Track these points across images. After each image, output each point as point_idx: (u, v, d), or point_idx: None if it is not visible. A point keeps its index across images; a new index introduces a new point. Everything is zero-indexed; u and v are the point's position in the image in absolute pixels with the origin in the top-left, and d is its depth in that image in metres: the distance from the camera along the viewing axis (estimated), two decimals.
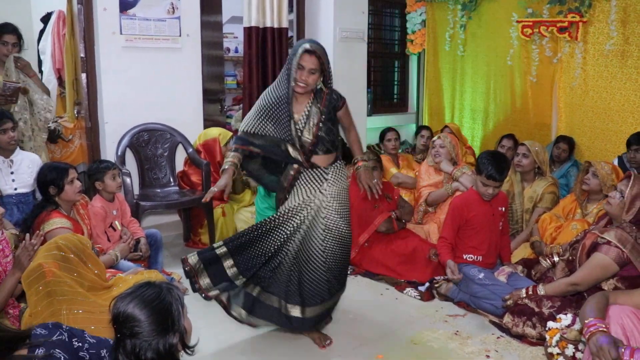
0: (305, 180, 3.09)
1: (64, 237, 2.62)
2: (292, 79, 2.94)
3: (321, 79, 3.04)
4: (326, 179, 3.08)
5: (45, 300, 2.38)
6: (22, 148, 4.11)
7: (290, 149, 3.05)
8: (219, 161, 4.88)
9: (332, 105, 3.05)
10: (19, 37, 4.35)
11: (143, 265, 3.64)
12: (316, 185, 3.07)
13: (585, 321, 2.28)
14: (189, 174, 4.78)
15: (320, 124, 3.02)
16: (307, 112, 3.03)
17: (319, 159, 3.07)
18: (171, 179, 4.81)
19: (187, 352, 1.90)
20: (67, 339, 1.91)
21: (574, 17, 5.17)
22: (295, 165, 3.08)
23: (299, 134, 3.02)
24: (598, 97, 5.19)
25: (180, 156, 4.89)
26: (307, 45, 2.94)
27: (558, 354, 2.72)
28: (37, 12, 6.25)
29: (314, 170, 3.08)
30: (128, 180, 4.20)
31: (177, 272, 4.10)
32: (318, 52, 2.94)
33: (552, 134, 5.67)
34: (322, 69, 2.98)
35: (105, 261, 3.32)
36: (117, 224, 3.78)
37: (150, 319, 1.76)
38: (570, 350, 2.67)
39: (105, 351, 2.00)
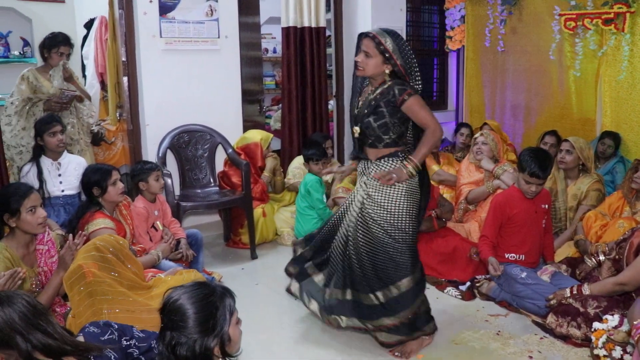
0: (359, 170, 3.12)
1: (102, 238, 2.67)
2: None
3: (389, 70, 2.92)
4: (366, 173, 3.04)
5: (86, 300, 2.43)
6: (69, 151, 4.23)
7: (354, 133, 3.07)
8: (261, 166, 4.92)
9: (386, 99, 2.90)
10: (72, 46, 4.56)
11: (184, 265, 3.68)
12: (360, 177, 3.07)
13: (635, 322, 2.21)
14: (229, 174, 4.83)
15: (364, 116, 2.96)
16: (364, 100, 3.01)
17: (368, 151, 3.04)
18: (211, 180, 4.86)
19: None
20: (117, 338, 1.97)
21: (620, 7, 5.00)
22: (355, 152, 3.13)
23: (353, 120, 3.05)
24: None
25: (220, 157, 4.94)
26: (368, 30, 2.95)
27: (605, 356, 2.65)
28: (80, 19, 6.43)
29: (364, 161, 3.07)
30: (169, 181, 4.26)
31: (218, 272, 4.16)
32: (373, 34, 2.89)
33: (596, 130, 5.51)
34: (382, 54, 2.87)
35: (147, 261, 3.38)
36: (158, 224, 3.84)
37: (195, 316, 1.81)
38: (617, 352, 2.60)
39: (154, 342, 2.05)
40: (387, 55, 2.88)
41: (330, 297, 3.05)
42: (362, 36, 2.92)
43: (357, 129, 3.01)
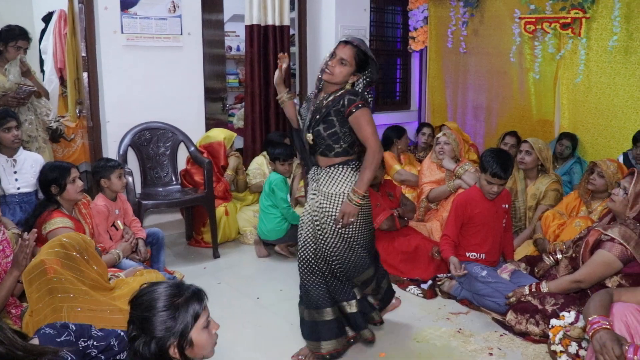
0: (310, 176, 3.05)
1: (68, 236, 2.61)
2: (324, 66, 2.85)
3: (353, 81, 2.87)
4: (316, 180, 2.97)
5: (46, 297, 2.36)
6: (27, 148, 4.12)
7: (305, 139, 2.99)
8: (223, 165, 4.89)
9: (336, 108, 2.81)
10: (30, 40, 4.44)
11: (145, 265, 3.63)
12: (311, 184, 3.01)
13: (589, 318, 2.27)
14: (191, 172, 4.78)
15: (315, 124, 2.87)
16: (316, 106, 2.92)
17: (319, 158, 2.95)
18: (173, 178, 4.80)
19: None
20: (74, 339, 1.92)
21: (577, 13, 5.14)
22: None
23: (304, 126, 2.98)
24: (601, 93, 5.16)
25: (182, 155, 4.88)
26: (345, 38, 2.88)
27: (561, 351, 2.72)
28: (38, 12, 6.25)
29: (314, 167, 3.01)
30: (130, 179, 4.19)
31: (180, 271, 4.11)
32: (355, 43, 2.83)
33: (555, 131, 5.64)
34: (356, 65, 2.83)
35: (108, 260, 3.32)
36: (119, 223, 3.77)
37: (157, 314, 1.81)
38: (573, 347, 2.67)
39: (114, 340, 2.02)
40: (363, 67, 2.85)
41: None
42: (344, 43, 2.84)
43: (309, 136, 2.91)
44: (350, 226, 2.89)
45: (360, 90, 2.89)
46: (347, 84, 2.88)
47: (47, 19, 5.77)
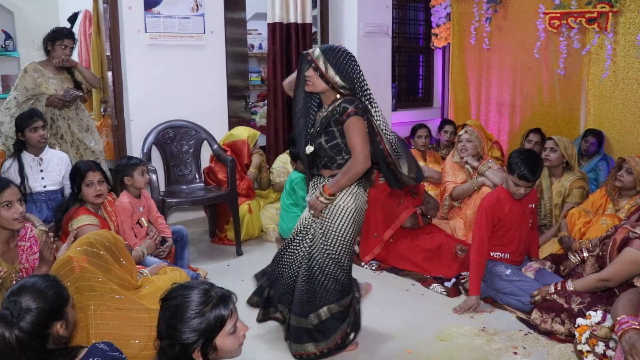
0: (312, 184, 3.00)
1: (97, 233, 2.62)
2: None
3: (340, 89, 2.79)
4: (318, 189, 2.90)
5: (74, 294, 2.38)
6: (52, 146, 4.17)
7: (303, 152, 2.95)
8: (247, 163, 4.91)
9: (334, 117, 2.75)
10: (75, 41, 4.47)
11: (169, 262, 3.66)
12: (311, 193, 2.96)
13: (617, 318, 2.23)
14: (215, 170, 4.81)
15: (316, 136, 2.85)
16: (317, 118, 2.89)
17: (321, 170, 2.93)
18: (196, 176, 4.84)
19: None
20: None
21: (603, 7, 5.06)
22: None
23: (304, 138, 2.93)
24: (629, 89, 5.08)
25: (206, 153, 4.92)
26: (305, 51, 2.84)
27: (588, 351, 2.68)
28: (64, 12, 6.34)
29: (317, 176, 2.97)
30: (154, 177, 4.22)
31: (203, 269, 4.14)
32: (311, 57, 2.75)
33: (580, 128, 5.57)
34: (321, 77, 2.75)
35: (133, 257, 3.35)
36: (143, 220, 3.80)
37: (185, 320, 1.83)
38: (600, 347, 2.63)
39: None
40: (324, 77, 2.74)
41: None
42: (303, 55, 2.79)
43: (310, 147, 2.87)
44: (336, 243, 2.88)
45: (362, 94, 2.80)
46: (341, 90, 2.79)
47: (72, 19, 5.84)
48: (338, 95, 2.80)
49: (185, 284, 1.94)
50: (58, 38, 4.33)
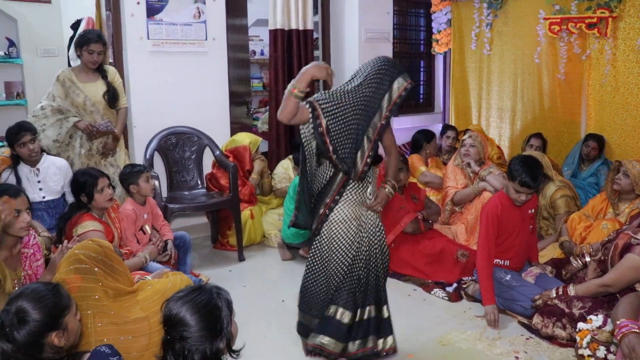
0: (353, 192, 2.94)
1: (83, 246, 2.54)
2: None
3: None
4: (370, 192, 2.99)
5: None
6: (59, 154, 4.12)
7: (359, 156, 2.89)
8: (249, 169, 4.93)
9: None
10: (104, 44, 4.23)
11: (171, 267, 3.67)
12: (364, 193, 2.96)
13: (617, 322, 2.25)
14: (217, 176, 4.83)
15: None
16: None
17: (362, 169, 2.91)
18: (199, 182, 4.86)
19: (232, 356, 1.94)
20: None
21: (603, 12, 5.08)
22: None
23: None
24: (629, 93, 5.09)
25: (208, 159, 4.94)
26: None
27: (589, 355, 2.68)
28: (67, 20, 6.38)
29: (361, 182, 2.94)
30: (156, 183, 4.24)
31: (205, 274, 4.15)
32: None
33: (581, 132, 5.58)
34: None
35: (134, 263, 3.37)
36: (146, 227, 3.81)
37: (200, 325, 1.83)
38: (601, 352, 2.63)
39: None
40: None
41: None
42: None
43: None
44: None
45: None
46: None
47: (75, 26, 5.87)
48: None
49: (173, 296, 1.93)
50: (84, 43, 4.12)
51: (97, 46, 4.13)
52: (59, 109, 4.12)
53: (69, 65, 5.91)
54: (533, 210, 3.70)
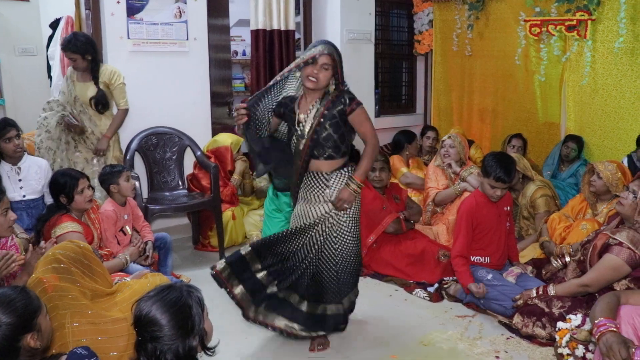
0: (308, 185, 3.04)
1: (62, 247, 2.55)
2: (302, 74, 2.91)
3: (333, 81, 2.94)
4: (328, 186, 2.99)
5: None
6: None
7: (293, 148, 3.05)
8: (230, 169, 4.91)
9: (338, 108, 2.90)
10: (81, 53, 4.13)
11: (151, 269, 3.64)
12: (319, 191, 3.00)
13: (595, 321, 2.27)
14: (198, 177, 4.80)
15: (318, 128, 2.91)
16: (308, 114, 2.96)
17: (320, 164, 2.99)
18: (180, 182, 4.82)
19: (207, 354, 1.93)
20: None
21: (582, 15, 5.13)
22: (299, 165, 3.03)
23: (299, 133, 2.99)
24: (608, 95, 5.15)
25: (189, 159, 4.91)
26: (322, 40, 3.00)
27: (568, 354, 2.71)
28: (46, 18, 6.31)
29: (316, 174, 3.01)
30: (137, 183, 4.20)
31: (186, 275, 4.12)
32: (331, 51, 2.91)
33: (561, 133, 5.64)
34: (334, 67, 2.90)
35: (115, 265, 3.34)
36: (127, 228, 3.78)
37: (171, 323, 1.81)
38: (580, 350, 2.66)
39: None
40: (338, 67, 2.93)
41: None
42: (321, 54, 2.88)
43: (305, 142, 2.96)
44: (354, 236, 3.07)
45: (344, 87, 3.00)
46: (329, 86, 2.96)
47: (54, 25, 5.81)
48: (331, 89, 2.95)
49: (143, 297, 1.91)
50: (64, 49, 4.20)
51: (70, 54, 4.14)
52: (59, 103, 4.25)
53: (48, 64, 5.86)
54: (509, 208, 3.74)
